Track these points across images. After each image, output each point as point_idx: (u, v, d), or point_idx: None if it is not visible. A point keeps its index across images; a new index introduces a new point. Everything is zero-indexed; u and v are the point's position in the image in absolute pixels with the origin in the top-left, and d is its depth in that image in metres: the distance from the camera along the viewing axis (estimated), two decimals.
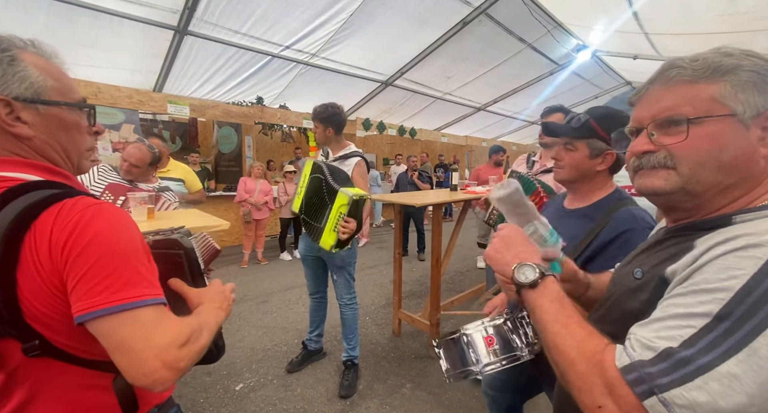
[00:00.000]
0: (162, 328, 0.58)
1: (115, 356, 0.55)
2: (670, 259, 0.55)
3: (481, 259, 4.76)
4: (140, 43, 3.95)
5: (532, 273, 0.60)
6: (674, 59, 0.56)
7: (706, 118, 0.52)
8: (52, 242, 0.54)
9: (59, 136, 0.64)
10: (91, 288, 0.54)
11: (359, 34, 4.66)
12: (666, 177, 0.56)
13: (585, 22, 5.25)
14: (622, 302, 0.62)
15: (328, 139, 2.19)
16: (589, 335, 0.52)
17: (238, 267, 4.67)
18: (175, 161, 2.96)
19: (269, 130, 6.71)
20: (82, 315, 0.54)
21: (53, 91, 0.62)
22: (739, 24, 4.07)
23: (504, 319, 0.97)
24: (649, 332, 0.47)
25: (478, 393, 2.20)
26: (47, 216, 0.55)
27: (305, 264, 2.37)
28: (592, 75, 7.13)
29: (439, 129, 8.44)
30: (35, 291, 0.54)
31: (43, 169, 0.62)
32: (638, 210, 1.01)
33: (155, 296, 0.59)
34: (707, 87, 0.52)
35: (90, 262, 0.54)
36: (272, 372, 2.41)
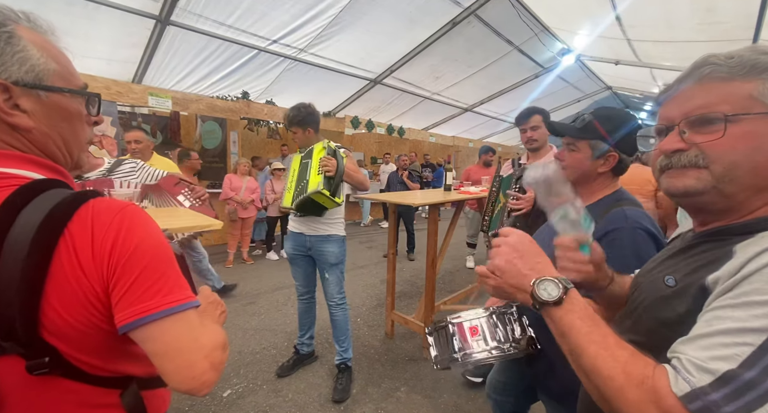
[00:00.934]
0: (206, 330, 0.58)
1: (163, 360, 0.54)
2: (707, 266, 0.52)
3: (471, 259, 4.79)
4: (118, 31, 3.73)
5: (556, 290, 0.56)
6: (707, 56, 0.54)
7: (743, 116, 0.50)
8: (96, 246, 0.51)
9: (61, 128, 0.57)
10: (144, 292, 0.52)
11: (349, 30, 4.59)
12: (697, 176, 0.54)
13: (570, 26, 5.36)
14: (654, 311, 0.58)
15: (310, 140, 2.14)
16: (632, 356, 0.48)
17: (222, 267, 4.52)
18: (158, 155, 2.83)
19: (255, 126, 6.53)
20: (134, 320, 0.51)
21: (56, 76, 0.55)
22: (716, 33, 4.24)
23: (490, 313, 0.98)
24: (700, 351, 0.43)
25: (474, 396, 2.19)
26: (82, 219, 0.51)
27: (294, 263, 2.30)
28: (575, 79, 7.30)
29: (427, 129, 8.45)
30: (67, 300, 0.50)
31: (43, 166, 0.56)
32: (633, 211, 0.99)
33: (195, 298, 0.58)
34: (744, 85, 0.50)
35: (141, 266, 0.53)
36: (261, 377, 2.32)
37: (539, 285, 0.57)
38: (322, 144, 1.95)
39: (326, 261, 2.16)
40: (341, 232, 2.19)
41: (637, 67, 6.03)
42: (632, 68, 6.17)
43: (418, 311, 2.76)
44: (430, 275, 2.46)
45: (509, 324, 0.99)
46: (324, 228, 2.13)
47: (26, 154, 0.54)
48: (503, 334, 0.96)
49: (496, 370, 1.43)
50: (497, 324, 0.98)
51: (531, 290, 0.57)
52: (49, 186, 0.53)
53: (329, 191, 1.83)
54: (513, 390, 1.36)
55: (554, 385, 1.07)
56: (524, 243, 0.64)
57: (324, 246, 2.14)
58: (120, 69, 4.26)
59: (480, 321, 0.97)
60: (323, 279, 2.22)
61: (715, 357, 0.42)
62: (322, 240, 2.14)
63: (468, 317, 0.98)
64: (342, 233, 2.20)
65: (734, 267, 0.47)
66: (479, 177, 3.62)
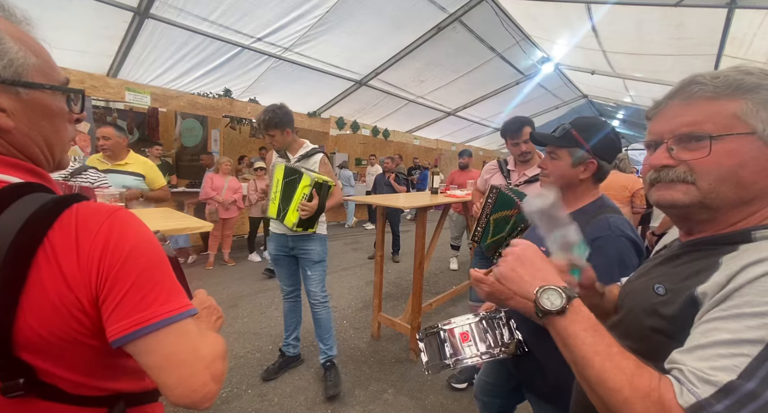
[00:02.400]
0: (205, 339, 0.55)
1: (161, 374, 0.50)
2: (694, 276, 0.54)
3: (455, 261, 4.86)
4: (93, 22, 3.56)
5: (559, 299, 0.56)
6: (695, 75, 0.57)
7: (727, 136, 0.54)
8: (82, 256, 0.47)
9: (42, 127, 0.53)
10: (139, 302, 0.49)
11: (335, 31, 4.58)
12: (685, 190, 0.57)
13: (550, 36, 5.56)
14: (646, 318, 0.60)
15: (287, 143, 2.12)
16: (638, 368, 0.49)
17: (203, 269, 4.38)
18: (135, 154, 2.68)
19: (238, 125, 6.37)
20: (130, 332, 0.48)
21: (36, 71, 0.50)
22: (684, 48, 4.50)
23: (480, 318, 1.01)
24: (699, 361, 0.45)
25: (460, 397, 2.23)
26: (65, 226, 0.47)
27: (278, 264, 2.28)
28: (553, 86, 7.56)
29: (411, 131, 8.52)
30: (45, 316, 0.46)
31: (22, 169, 0.52)
32: (615, 219, 1.03)
33: (193, 306, 0.55)
34: (728, 104, 0.53)
35: (134, 274, 0.49)
36: (246, 382, 2.27)
37: (542, 294, 0.57)
38: (310, 180, 1.89)
39: (309, 259, 2.16)
40: (323, 232, 2.20)
41: (612, 77, 6.32)
42: (607, 78, 6.45)
43: (405, 313, 2.78)
44: (418, 277, 2.48)
45: (498, 328, 1.01)
46: None
47: (4, 156, 0.50)
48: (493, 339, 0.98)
49: (483, 372, 1.46)
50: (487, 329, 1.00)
51: (534, 299, 0.57)
52: (28, 190, 0.49)
53: (302, 228, 1.97)
54: (500, 391, 1.38)
55: (543, 385, 1.11)
56: (529, 252, 0.65)
57: (306, 245, 2.14)
58: (94, 61, 4.07)
59: (470, 327, 0.99)
60: (305, 277, 2.21)
61: (715, 368, 0.43)
62: (305, 240, 2.14)
63: (459, 323, 1.00)
64: (324, 232, 2.21)
65: (722, 280, 0.49)
66: (464, 180, 3.69)
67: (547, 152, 1.14)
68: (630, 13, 4.13)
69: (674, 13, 3.84)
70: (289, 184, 1.97)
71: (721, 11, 3.52)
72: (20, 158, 0.52)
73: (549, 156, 1.13)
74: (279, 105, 2.07)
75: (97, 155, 2.51)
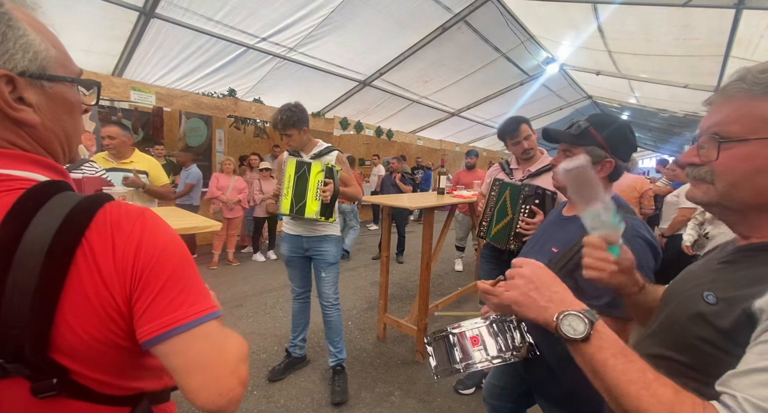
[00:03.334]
0: (230, 342, 0.54)
1: (187, 377, 0.49)
2: (751, 287, 0.49)
3: (460, 262, 4.84)
4: (98, 22, 3.57)
5: (581, 325, 0.53)
6: (742, 70, 0.54)
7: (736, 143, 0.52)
8: (118, 255, 0.47)
9: (63, 121, 0.52)
10: (169, 303, 0.48)
11: (339, 31, 4.57)
12: (705, 190, 0.56)
13: (555, 36, 5.53)
14: (694, 328, 0.55)
15: (304, 142, 2.10)
16: (676, 395, 0.46)
17: (207, 269, 4.38)
18: (140, 152, 2.69)
19: (242, 125, 6.37)
20: (161, 334, 0.47)
21: (57, 63, 0.49)
22: (690, 49, 4.47)
23: (490, 321, 0.99)
24: (756, 387, 0.41)
25: (468, 400, 2.21)
26: (100, 225, 0.47)
27: (291, 265, 2.26)
28: (558, 87, 7.53)
29: (415, 132, 8.50)
30: (84, 316, 0.46)
31: (45, 166, 0.51)
32: (631, 220, 1.01)
33: (219, 308, 0.55)
34: (761, 104, 0.51)
35: (165, 276, 0.49)
36: (251, 383, 2.26)
37: (563, 321, 0.55)
38: (321, 165, 1.93)
39: (325, 260, 2.14)
40: (337, 232, 2.19)
41: (617, 78, 6.29)
42: (612, 79, 6.42)
43: (411, 314, 2.76)
44: (425, 278, 2.46)
45: (509, 331, 0.98)
46: (321, 228, 2.12)
47: (29, 153, 0.49)
48: (504, 343, 0.95)
49: (492, 376, 1.44)
50: (498, 333, 0.97)
51: (555, 326, 0.56)
52: (58, 189, 0.49)
53: (324, 217, 1.96)
54: (510, 395, 1.36)
55: (554, 390, 1.09)
56: (538, 274, 0.63)
57: (322, 246, 2.13)
58: (99, 61, 4.08)
59: (480, 331, 0.96)
60: (319, 278, 2.19)
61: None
62: (320, 240, 2.12)
63: (468, 326, 0.97)
64: (338, 233, 2.19)
65: None
66: (470, 180, 3.67)
67: (561, 150, 1.11)
68: (636, 13, 4.11)
69: (681, 14, 3.82)
70: (301, 177, 1.95)
71: (729, 12, 3.50)
72: (42, 155, 0.51)
73: (564, 154, 1.10)
74: (294, 103, 2.05)
75: (102, 154, 2.51)
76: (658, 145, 13.36)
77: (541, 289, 0.61)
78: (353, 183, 2.16)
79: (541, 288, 0.61)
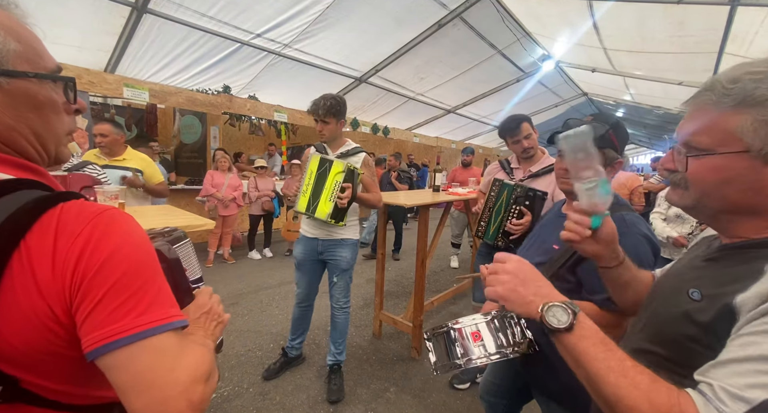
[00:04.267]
0: (186, 358, 0.48)
1: (131, 395, 0.44)
2: (733, 283, 0.51)
3: (455, 259, 4.86)
4: (90, 17, 3.53)
5: (565, 316, 0.55)
6: (713, 79, 0.54)
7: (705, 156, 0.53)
8: (58, 261, 0.43)
9: (29, 119, 0.49)
10: (113, 312, 0.44)
11: (335, 27, 4.54)
12: (681, 195, 0.59)
13: (551, 33, 5.53)
14: (676, 323, 0.56)
15: (337, 135, 2.04)
16: (654, 383, 0.47)
17: (203, 267, 4.35)
18: (133, 150, 2.66)
19: (237, 122, 6.33)
20: (101, 346, 0.43)
21: (18, 58, 0.47)
22: (685, 46, 4.49)
23: (491, 317, 1.00)
24: (733, 377, 0.43)
25: (463, 395, 2.22)
26: (44, 228, 0.44)
27: (301, 270, 2.20)
28: (554, 84, 7.54)
29: (411, 129, 8.50)
30: (18, 325, 0.42)
31: (12, 165, 0.48)
32: (631, 216, 1.03)
33: (180, 317, 0.49)
34: (729, 118, 0.51)
35: (111, 281, 0.44)
36: (248, 380, 2.26)
37: (548, 311, 0.56)
38: (343, 165, 1.82)
39: (338, 266, 2.10)
40: (355, 236, 2.11)
41: (612, 75, 6.31)
42: (607, 76, 6.44)
43: (407, 311, 2.77)
44: (420, 275, 2.47)
45: (510, 327, 0.99)
46: (339, 232, 2.05)
47: None
48: (504, 339, 0.96)
49: (489, 372, 1.45)
50: (498, 329, 0.97)
51: (540, 317, 0.57)
52: (15, 187, 0.45)
53: (334, 220, 1.87)
54: (506, 391, 1.38)
55: (553, 384, 1.10)
56: (524, 269, 0.64)
57: (337, 251, 2.07)
58: (91, 57, 4.03)
59: (481, 327, 0.97)
60: (331, 283, 2.16)
61: (750, 385, 0.41)
62: (336, 245, 2.07)
63: (468, 322, 0.97)
64: (356, 237, 2.12)
65: (765, 290, 0.46)
66: (465, 178, 3.68)
67: None
68: (632, 9, 4.12)
69: (676, 11, 3.83)
70: (321, 175, 1.87)
71: (724, 8, 3.51)
72: (9, 154, 0.48)
73: None
74: (338, 95, 2.00)
75: (93, 151, 2.49)
76: (653, 142, 13.45)
77: (527, 284, 0.62)
78: (375, 189, 2.07)
79: (527, 283, 0.62)
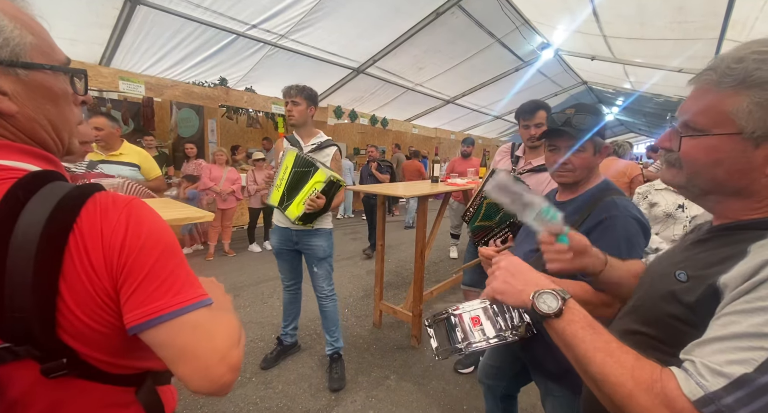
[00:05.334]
0: (220, 328, 0.54)
1: (177, 365, 0.50)
2: (719, 264, 0.52)
3: (454, 249, 4.88)
4: (83, 9, 3.48)
5: (555, 301, 0.57)
6: (717, 58, 0.54)
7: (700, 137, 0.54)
8: (106, 243, 0.48)
9: (47, 110, 0.52)
10: (153, 291, 0.49)
11: (332, 17, 4.48)
12: (674, 174, 0.60)
13: (550, 20, 5.46)
14: (664, 305, 0.58)
15: (307, 120, 2.07)
16: (638, 361, 0.49)
17: (203, 260, 4.39)
18: (129, 144, 2.64)
19: (234, 114, 6.28)
20: (143, 322, 0.48)
21: (34, 50, 0.49)
22: (685, 32, 4.44)
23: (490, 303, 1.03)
24: (715, 354, 0.44)
25: (462, 381, 2.27)
26: (90, 214, 0.48)
27: (280, 258, 2.26)
28: (553, 73, 7.47)
29: (410, 120, 8.44)
30: (82, 300, 0.48)
31: (35, 156, 0.51)
32: (622, 200, 1.06)
33: (207, 296, 0.55)
34: (727, 99, 0.51)
35: (149, 263, 0.49)
36: (250, 370, 2.30)
37: (538, 298, 0.59)
38: (326, 176, 1.85)
39: (314, 255, 2.12)
40: (328, 225, 2.15)
41: (612, 62, 6.24)
42: (607, 64, 6.37)
43: (406, 301, 2.80)
44: (419, 265, 2.49)
45: (508, 311, 1.02)
46: None
47: (15, 142, 0.50)
48: (503, 322, 0.99)
49: (487, 356, 1.48)
50: (497, 313, 1.00)
51: (531, 304, 0.59)
52: (48, 178, 0.49)
53: (302, 223, 1.94)
54: (505, 375, 1.41)
55: (551, 365, 1.13)
56: (515, 264, 0.68)
57: (311, 241, 2.10)
58: (85, 50, 3.99)
59: (480, 312, 1.00)
60: (312, 273, 2.19)
61: (730, 361, 0.42)
62: (309, 235, 2.09)
63: (468, 308, 1.00)
64: (329, 226, 2.16)
65: (747, 270, 0.46)
66: (464, 168, 3.68)
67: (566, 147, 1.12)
68: None
69: None
70: (299, 174, 1.91)
71: None
72: (31, 144, 0.51)
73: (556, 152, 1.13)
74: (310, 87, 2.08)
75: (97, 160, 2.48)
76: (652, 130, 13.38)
77: (517, 276, 0.65)
78: (340, 196, 2.05)
79: (517, 275, 0.66)
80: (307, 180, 1.89)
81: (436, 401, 2.09)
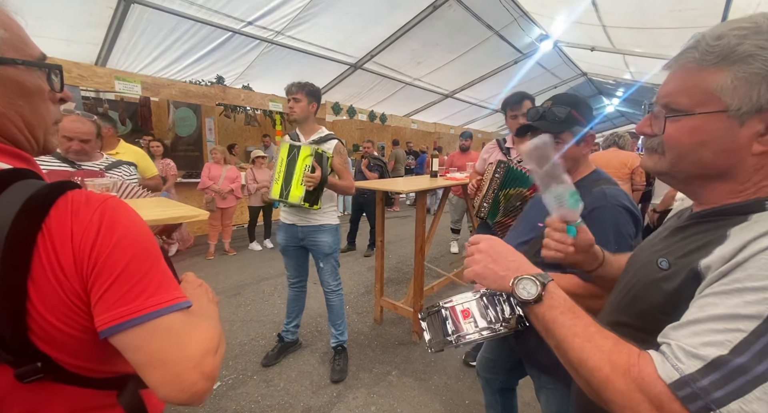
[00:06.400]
0: (196, 335, 0.51)
1: (146, 371, 0.48)
2: (700, 249, 0.51)
3: (455, 244, 4.87)
4: (77, 9, 3.46)
5: (534, 287, 0.56)
6: (696, 37, 0.52)
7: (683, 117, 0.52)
8: (75, 244, 0.46)
9: (18, 106, 0.50)
10: (125, 294, 0.47)
11: (328, 12, 4.44)
12: (656, 160, 0.58)
13: (549, 11, 5.39)
14: (646, 294, 0.58)
15: (308, 116, 2.06)
16: (616, 345, 0.48)
17: (203, 259, 4.39)
18: (126, 143, 2.64)
19: (232, 113, 6.26)
20: (113, 325, 0.46)
21: (5, 45, 0.47)
22: (686, 20, 4.38)
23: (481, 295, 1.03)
24: (690, 337, 0.43)
25: (464, 377, 2.26)
26: (60, 213, 0.46)
27: (286, 255, 2.26)
28: (552, 65, 7.40)
29: (409, 115, 8.40)
30: (52, 304, 0.46)
31: (6, 153, 0.49)
32: (612, 190, 1.05)
33: (185, 299, 0.52)
34: (709, 76, 0.49)
35: (122, 264, 0.48)
36: (251, 368, 2.30)
37: (518, 284, 0.58)
38: (310, 149, 1.89)
39: (320, 251, 2.13)
40: (334, 221, 2.15)
41: (612, 53, 6.17)
42: (606, 55, 6.30)
43: (407, 296, 2.80)
44: (419, 261, 2.48)
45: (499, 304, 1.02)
46: (316, 218, 2.09)
47: None
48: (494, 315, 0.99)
49: (485, 349, 1.48)
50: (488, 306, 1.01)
51: (512, 291, 0.58)
52: (19, 176, 0.47)
53: (308, 203, 1.93)
54: (502, 367, 1.42)
55: (544, 359, 1.12)
56: (495, 247, 0.65)
57: (317, 237, 2.10)
58: (81, 50, 3.97)
59: (471, 304, 1.00)
60: (318, 268, 2.20)
61: (705, 343, 0.41)
62: (315, 231, 2.10)
63: (459, 301, 1.01)
64: (335, 222, 2.16)
65: (727, 253, 0.46)
66: (463, 163, 3.65)
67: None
68: None
69: None
70: (291, 162, 1.93)
71: None
72: (2, 142, 0.50)
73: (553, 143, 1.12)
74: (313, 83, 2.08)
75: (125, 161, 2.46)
76: None
77: (499, 260, 0.63)
78: (347, 176, 2.10)
79: (499, 260, 0.63)
80: (296, 162, 1.91)
81: (438, 396, 2.09)
